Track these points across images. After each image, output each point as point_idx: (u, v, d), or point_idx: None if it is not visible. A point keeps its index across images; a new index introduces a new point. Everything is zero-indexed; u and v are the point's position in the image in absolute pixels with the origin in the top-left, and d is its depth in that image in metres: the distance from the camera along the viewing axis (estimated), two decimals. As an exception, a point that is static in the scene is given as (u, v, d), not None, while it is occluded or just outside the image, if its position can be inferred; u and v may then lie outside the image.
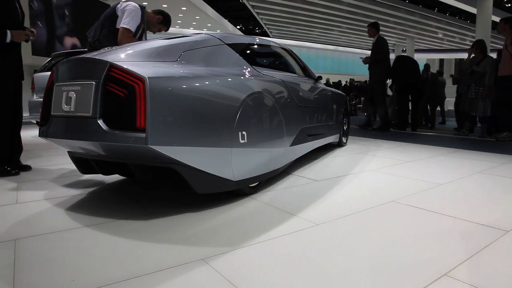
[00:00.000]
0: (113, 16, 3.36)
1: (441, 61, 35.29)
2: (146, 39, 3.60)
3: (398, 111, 8.11)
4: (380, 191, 2.74)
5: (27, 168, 3.38)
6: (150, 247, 1.72)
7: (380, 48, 7.34)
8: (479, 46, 6.51)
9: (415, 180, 3.06)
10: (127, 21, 3.27)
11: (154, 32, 3.74)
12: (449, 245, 1.76)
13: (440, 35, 25.09)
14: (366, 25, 8.02)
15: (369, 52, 7.64)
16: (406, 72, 7.69)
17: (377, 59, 7.30)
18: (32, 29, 3.31)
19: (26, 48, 12.14)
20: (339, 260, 1.58)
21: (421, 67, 8.75)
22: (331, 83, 18.12)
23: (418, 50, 28.38)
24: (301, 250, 1.68)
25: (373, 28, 7.48)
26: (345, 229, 1.95)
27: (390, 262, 1.57)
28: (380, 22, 20.22)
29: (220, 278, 1.41)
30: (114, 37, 3.32)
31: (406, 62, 7.96)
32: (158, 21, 3.63)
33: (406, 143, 5.62)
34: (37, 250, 1.69)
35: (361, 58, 7.81)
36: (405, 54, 8.36)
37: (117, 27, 3.31)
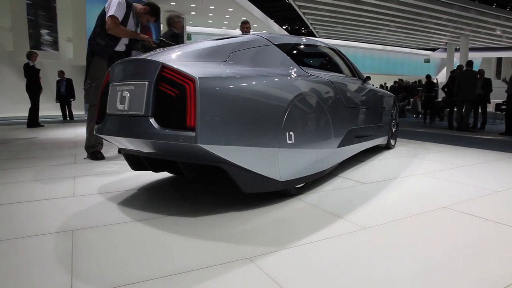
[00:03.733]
0: (104, 15, 3.67)
1: (499, 60, 33.21)
2: (138, 30, 3.91)
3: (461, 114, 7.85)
4: (430, 196, 2.63)
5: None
6: (198, 243, 1.76)
7: None
8: None
9: (469, 186, 2.91)
10: (112, 10, 3.58)
11: (143, 23, 3.98)
12: (508, 256, 1.65)
13: (498, 32, 23.57)
14: (417, 23, 7.75)
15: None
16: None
17: None
18: None
19: (83, 49, 12.83)
20: (386, 267, 1.53)
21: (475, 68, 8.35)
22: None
23: (472, 49, 26.90)
24: (347, 254, 1.65)
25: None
26: (393, 234, 1.89)
27: (441, 271, 1.50)
28: (431, 20, 19.17)
29: (266, 278, 1.42)
30: (106, 32, 3.63)
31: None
32: (145, 11, 3.87)
33: (459, 146, 5.35)
34: (92, 241, 1.79)
35: None
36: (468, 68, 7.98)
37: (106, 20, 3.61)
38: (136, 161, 2.57)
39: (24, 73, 8.41)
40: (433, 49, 32.95)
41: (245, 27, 5.99)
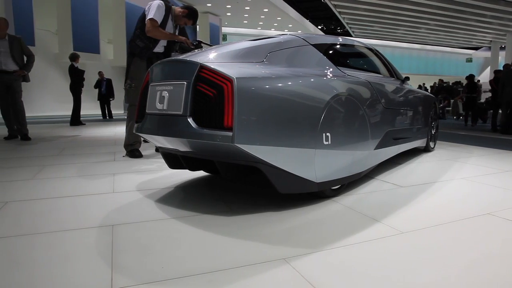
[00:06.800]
0: (144, 17, 3.79)
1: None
2: (177, 32, 4.00)
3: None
4: (473, 202, 2.52)
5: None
6: (233, 242, 1.78)
7: None
8: None
9: (515, 192, 2.76)
10: (152, 13, 3.69)
11: (180, 25, 4.04)
12: (560, 267, 1.56)
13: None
14: (459, 21, 7.48)
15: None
16: None
17: None
18: None
19: (122, 51, 13.28)
20: (423, 272, 1.48)
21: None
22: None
23: (520, 47, 25.54)
24: (384, 258, 1.61)
25: None
26: (433, 240, 1.83)
27: (483, 281, 1.43)
28: (474, 17, 18.25)
29: (301, 279, 1.40)
30: (145, 35, 3.75)
31: None
32: (183, 14, 3.92)
33: (503, 150, 5.10)
34: (131, 237, 1.84)
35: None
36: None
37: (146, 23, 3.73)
38: (173, 160, 2.63)
39: (70, 74, 8.79)
40: (476, 48, 31.59)
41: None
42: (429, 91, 16.64)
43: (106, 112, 12.15)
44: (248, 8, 18.62)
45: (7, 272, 1.46)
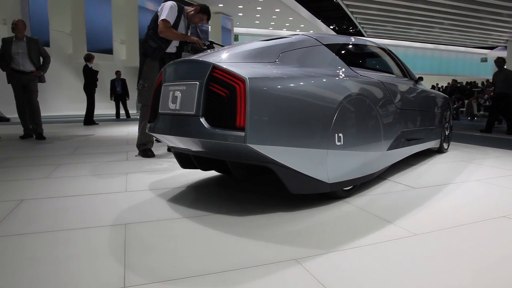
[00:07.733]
0: (156, 18, 3.81)
1: None
2: (189, 33, 4.03)
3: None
4: (488, 204, 2.48)
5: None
6: (244, 242, 1.78)
7: None
8: None
9: (532, 194, 2.71)
10: (164, 14, 3.71)
11: (196, 23, 4.05)
12: None
13: None
14: (473, 20, 7.39)
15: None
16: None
17: None
18: None
19: (135, 51, 13.41)
20: (436, 275, 1.46)
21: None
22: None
23: (537, 47, 25.03)
24: (397, 260, 1.59)
25: None
26: (447, 242, 1.80)
27: (497, 284, 1.40)
28: (490, 16, 17.93)
29: (312, 280, 1.40)
30: (157, 35, 3.77)
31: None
32: (196, 11, 3.94)
33: (520, 151, 5.00)
34: (143, 236, 1.86)
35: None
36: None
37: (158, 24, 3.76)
38: (186, 159, 2.64)
39: (84, 74, 8.91)
40: (491, 48, 31.05)
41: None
42: (441, 91, 16.41)
43: (124, 112, 12.31)
44: (259, 8, 18.62)
45: (20, 268, 1.49)
